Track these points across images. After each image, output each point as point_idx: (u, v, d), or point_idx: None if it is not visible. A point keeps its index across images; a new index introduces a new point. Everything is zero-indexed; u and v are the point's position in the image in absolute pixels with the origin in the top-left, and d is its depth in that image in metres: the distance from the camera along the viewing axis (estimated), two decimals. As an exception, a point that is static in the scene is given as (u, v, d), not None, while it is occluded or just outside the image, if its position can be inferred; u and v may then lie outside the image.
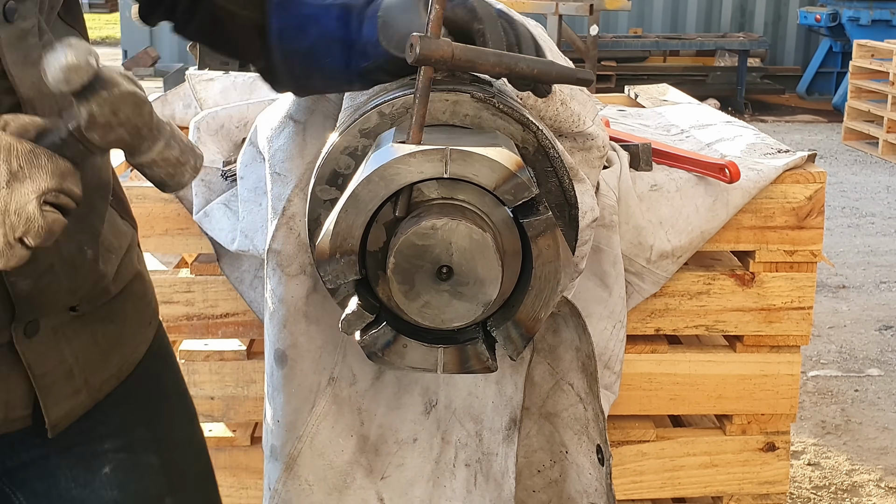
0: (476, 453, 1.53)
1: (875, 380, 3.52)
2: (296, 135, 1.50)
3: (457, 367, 1.16)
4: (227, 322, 1.87)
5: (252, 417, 1.93)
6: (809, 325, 1.90)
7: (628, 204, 1.73)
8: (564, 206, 1.23)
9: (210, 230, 1.80)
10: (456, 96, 1.20)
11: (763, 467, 1.96)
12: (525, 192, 1.09)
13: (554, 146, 1.22)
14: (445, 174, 1.08)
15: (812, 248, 1.87)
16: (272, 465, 1.54)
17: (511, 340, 1.14)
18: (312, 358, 1.52)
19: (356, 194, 1.09)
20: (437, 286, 1.10)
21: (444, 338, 1.17)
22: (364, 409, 1.54)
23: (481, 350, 1.15)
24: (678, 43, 10.30)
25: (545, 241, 1.10)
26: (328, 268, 1.13)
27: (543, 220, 1.10)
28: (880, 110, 7.65)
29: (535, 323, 1.13)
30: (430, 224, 1.07)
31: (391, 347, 1.16)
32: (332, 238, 1.11)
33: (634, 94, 2.80)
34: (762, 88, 10.51)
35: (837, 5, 9.79)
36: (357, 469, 1.54)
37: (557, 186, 1.22)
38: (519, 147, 1.21)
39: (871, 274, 4.74)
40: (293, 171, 1.49)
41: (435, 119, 1.20)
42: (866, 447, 3.00)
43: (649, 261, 1.75)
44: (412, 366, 1.17)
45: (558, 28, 7.81)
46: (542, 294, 1.12)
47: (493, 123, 1.21)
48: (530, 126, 1.21)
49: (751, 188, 1.80)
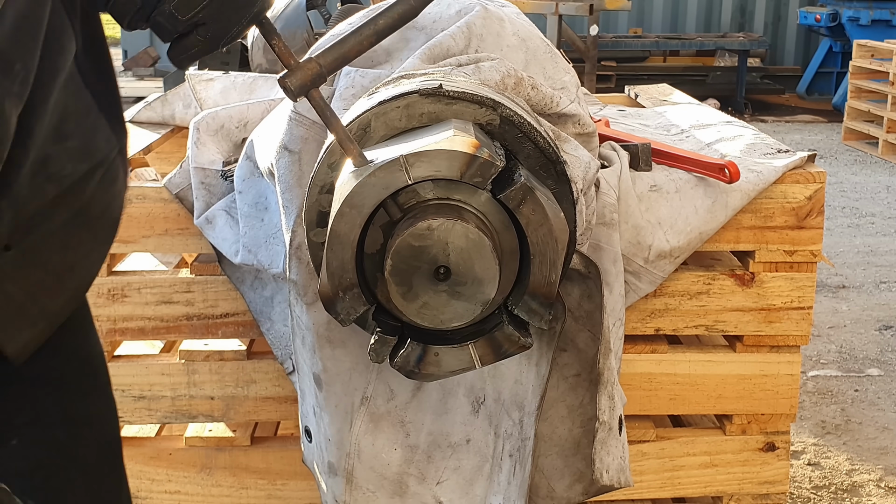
0: (517, 441, 1.55)
1: (875, 380, 3.52)
2: (292, 165, 1.51)
3: (493, 357, 1.16)
4: (227, 322, 1.87)
5: (252, 417, 1.93)
6: (809, 325, 1.90)
7: (628, 203, 1.73)
8: (549, 165, 1.22)
9: (213, 238, 1.80)
10: (405, 100, 1.20)
11: (763, 467, 1.96)
12: (491, 168, 1.08)
13: (517, 112, 1.21)
14: (410, 180, 1.08)
15: (812, 248, 1.87)
16: (334, 481, 1.57)
17: (534, 312, 1.14)
18: (342, 381, 1.55)
19: (335, 232, 1.10)
20: (434, 287, 1.10)
21: (472, 333, 1.17)
22: (408, 421, 1.56)
23: (510, 332, 1.14)
24: (678, 43, 10.29)
25: (527, 207, 1.10)
26: (337, 308, 1.14)
27: (518, 188, 1.09)
28: (880, 110, 7.64)
29: (550, 288, 1.12)
30: (426, 225, 1.08)
31: (424, 360, 1.17)
32: (329, 279, 1.12)
33: (634, 94, 2.81)
34: (762, 88, 10.50)
35: (837, 5, 9.78)
36: (408, 479, 1.56)
37: (534, 149, 1.21)
38: (483, 126, 1.20)
39: (871, 274, 4.74)
40: (294, 202, 1.50)
41: (393, 129, 1.20)
42: (866, 447, 3.00)
43: (647, 260, 1.76)
44: (451, 370, 1.17)
45: (558, 28, 7.80)
46: (546, 258, 1.12)
47: (451, 111, 1.20)
48: (486, 102, 1.20)
49: (750, 190, 1.80)
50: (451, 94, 1.20)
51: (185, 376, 1.90)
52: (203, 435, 1.94)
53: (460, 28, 1.61)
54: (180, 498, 1.95)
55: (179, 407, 1.91)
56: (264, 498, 1.94)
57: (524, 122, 1.20)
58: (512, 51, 1.63)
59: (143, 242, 1.86)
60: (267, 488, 1.94)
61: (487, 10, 1.65)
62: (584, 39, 8.10)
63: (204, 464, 1.93)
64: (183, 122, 2.37)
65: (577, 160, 1.46)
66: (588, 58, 8.05)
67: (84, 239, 1.21)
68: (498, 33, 1.64)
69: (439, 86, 1.20)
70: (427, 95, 1.20)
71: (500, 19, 1.65)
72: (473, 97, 1.20)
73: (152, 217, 1.84)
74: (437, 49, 1.58)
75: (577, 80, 1.72)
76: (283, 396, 1.90)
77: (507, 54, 1.62)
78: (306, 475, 1.93)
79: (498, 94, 1.28)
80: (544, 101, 1.53)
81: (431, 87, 1.20)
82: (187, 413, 1.90)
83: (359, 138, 1.20)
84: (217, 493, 1.93)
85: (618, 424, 1.53)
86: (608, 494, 1.97)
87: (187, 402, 1.91)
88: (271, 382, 1.90)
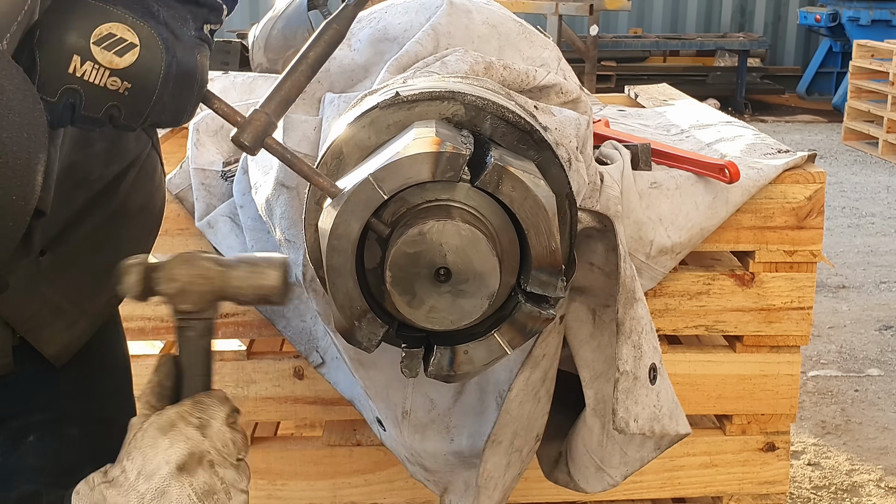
0: None
1: (875, 380, 3.52)
2: (291, 200, 1.52)
3: (521, 338, 1.16)
4: (227, 322, 1.87)
5: (252, 417, 1.93)
6: (809, 325, 1.90)
7: (629, 199, 1.73)
8: (526, 137, 1.22)
9: (217, 243, 1.81)
10: (368, 117, 1.21)
11: (763, 467, 1.96)
12: (458, 159, 1.08)
13: (479, 96, 1.21)
14: (385, 195, 1.08)
15: (812, 248, 1.87)
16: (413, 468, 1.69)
17: (547, 283, 1.13)
18: (381, 397, 1.58)
19: (331, 267, 1.11)
20: (438, 289, 1.10)
21: (495, 321, 1.17)
22: (453, 426, 1.59)
23: (529, 310, 1.14)
24: (678, 43, 10.30)
25: (506, 186, 1.10)
26: (357, 337, 1.15)
27: (491, 170, 1.09)
28: (880, 110, 7.64)
29: (553, 256, 1.12)
30: (416, 230, 1.07)
31: (456, 361, 1.16)
32: (341, 312, 1.13)
33: (634, 94, 2.80)
34: (762, 88, 10.50)
35: (837, 5, 9.78)
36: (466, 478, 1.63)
37: (506, 125, 1.21)
38: (450, 119, 1.21)
39: (871, 274, 4.74)
40: (299, 237, 1.51)
41: (365, 148, 1.20)
42: (866, 447, 3.00)
43: (649, 256, 1.76)
44: (484, 364, 1.17)
45: (558, 28, 7.80)
46: (540, 229, 1.11)
47: (414, 115, 1.21)
48: (444, 96, 1.21)
49: (750, 186, 1.80)
50: (409, 98, 1.21)
51: (185, 376, 1.89)
52: (203, 435, 1.94)
53: (426, 32, 1.62)
54: (180, 498, 1.95)
55: (179, 407, 1.90)
56: (264, 498, 1.94)
57: (488, 103, 1.20)
58: (483, 41, 1.65)
59: (143, 242, 1.85)
60: (267, 488, 1.94)
61: (453, 6, 1.66)
62: (584, 39, 8.10)
63: (204, 464, 1.92)
64: (183, 122, 2.37)
65: (565, 120, 1.46)
66: (588, 58, 8.05)
67: (122, 238, 1.21)
68: (466, 26, 1.65)
69: (395, 94, 1.21)
70: (387, 107, 1.21)
71: (468, 11, 1.66)
72: (431, 94, 1.21)
73: (152, 217, 1.84)
74: (405, 58, 1.59)
75: (557, 53, 1.73)
76: (283, 397, 1.90)
77: (478, 46, 1.63)
78: (306, 475, 1.93)
79: (459, 82, 1.29)
80: (520, 79, 1.55)
81: (389, 98, 1.21)
82: (187, 413, 1.90)
83: (336, 167, 1.21)
84: (217, 493, 1.93)
85: (648, 374, 1.50)
86: (608, 494, 1.97)
87: (187, 403, 1.90)
88: (271, 382, 1.90)
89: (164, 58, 0.94)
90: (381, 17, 1.70)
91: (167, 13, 0.97)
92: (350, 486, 1.95)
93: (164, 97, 0.95)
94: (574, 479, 1.64)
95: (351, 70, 1.67)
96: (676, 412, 1.55)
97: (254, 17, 9.04)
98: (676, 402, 1.57)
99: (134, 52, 0.92)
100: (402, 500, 1.96)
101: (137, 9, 0.94)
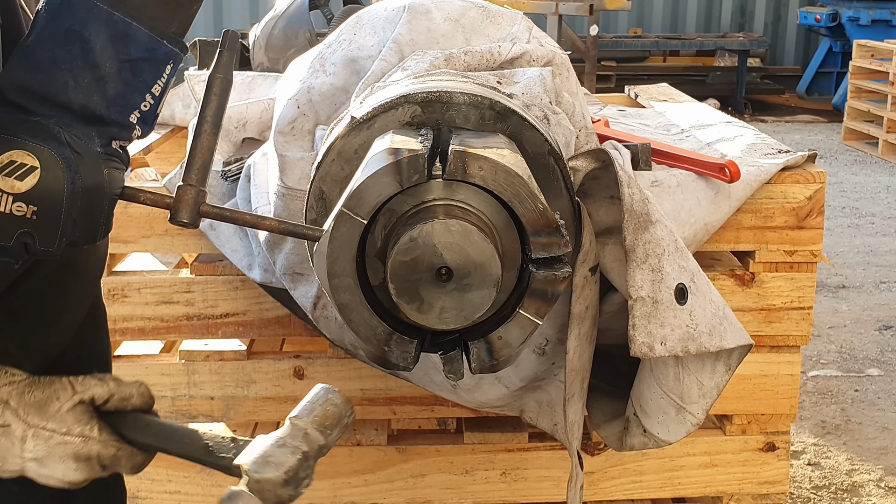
0: None
1: (875, 380, 3.52)
2: None
3: (546, 305, 1.16)
4: (227, 322, 1.87)
5: (252, 417, 1.93)
6: (809, 325, 1.90)
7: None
8: (487, 111, 1.22)
9: (220, 246, 1.81)
10: (334, 149, 1.22)
11: (763, 467, 1.96)
12: (419, 160, 1.08)
13: (429, 91, 1.22)
14: (365, 221, 1.09)
15: (812, 248, 1.87)
16: None
17: (549, 245, 1.13)
18: (424, 383, 1.62)
19: (340, 304, 1.12)
20: (443, 289, 1.10)
21: (517, 298, 1.17)
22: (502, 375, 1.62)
23: (543, 275, 1.14)
24: (678, 43, 10.29)
25: (473, 168, 1.10)
26: (392, 360, 1.16)
27: (452, 157, 1.10)
28: (880, 110, 7.64)
29: (545, 215, 1.12)
30: (407, 237, 1.08)
31: (494, 349, 1.17)
32: (367, 343, 1.14)
33: (634, 94, 2.80)
34: (762, 88, 10.50)
35: (837, 5, 9.78)
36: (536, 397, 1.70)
37: (466, 107, 1.22)
38: (411, 122, 1.22)
39: (871, 274, 4.74)
40: (310, 269, 1.52)
41: (342, 180, 1.21)
42: (866, 447, 3.00)
43: (651, 254, 1.75)
44: (521, 342, 1.17)
45: (558, 28, 7.79)
46: (521, 196, 1.11)
47: (376, 131, 1.22)
48: (397, 103, 1.21)
49: (752, 181, 1.80)
50: (365, 118, 1.22)
51: (185, 376, 1.90)
52: (203, 435, 1.94)
53: (389, 48, 1.63)
54: (180, 498, 1.95)
55: (179, 407, 1.90)
56: (264, 498, 1.94)
57: (441, 94, 1.21)
58: (448, 38, 1.65)
59: (143, 242, 1.85)
60: (267, 488, 1.93)
61: (412, 11, 1.66)
62: (584, 39, 8.09)
63: (204, 464, 1.92)
64: (182, 122, 2.37)
65: (529, 81, 1.47)
66: (588, 58, 8.05)
67: (70, 285, 1.22)
68: (428, 28, 1.65)
69: (351, 118, 1.23)
70: (347, 134, 1.22)
71: (427, 12, 1.67)
72: (384, 106, 1.22)
73: (152, 217, 1.84)
74: (371, 78, 1.60)
75: (527, 23, 1.72)
76: (283, 396, 1.90)
77: (444, 44, 1.64)
78: (306, 475, 1.93)
79: (413, 83, 1.29)
80: (485, 59, 1.56)
81: (347, 124, 1.22)
82: (187, 413, 1.90)
83: (322, 209, 1.23)
84: (217, 493, 1.93)
85: (672, 295, 1.44)
86: (608, 494, 1.97)
87: (187, 403, 1.90)
88: (271, 382, 1.90)
89: (66, 176, 0.94)
90: (350, 38, 1.69)
91: (69, 133, 0.97)
92: (350, 486, 1.95)
93: (74, 214, 0.96)
94: (653, 434, 1.58)
95: (332, 94, 1.67)
96: (720, 327, 1.48)
97: (254, 17, 9.04)
98: (722, 317, 1.49)
99: (35, 175, 0.93)
100: (402, 500, 1.96)
101: (39, 133, 0.95)
